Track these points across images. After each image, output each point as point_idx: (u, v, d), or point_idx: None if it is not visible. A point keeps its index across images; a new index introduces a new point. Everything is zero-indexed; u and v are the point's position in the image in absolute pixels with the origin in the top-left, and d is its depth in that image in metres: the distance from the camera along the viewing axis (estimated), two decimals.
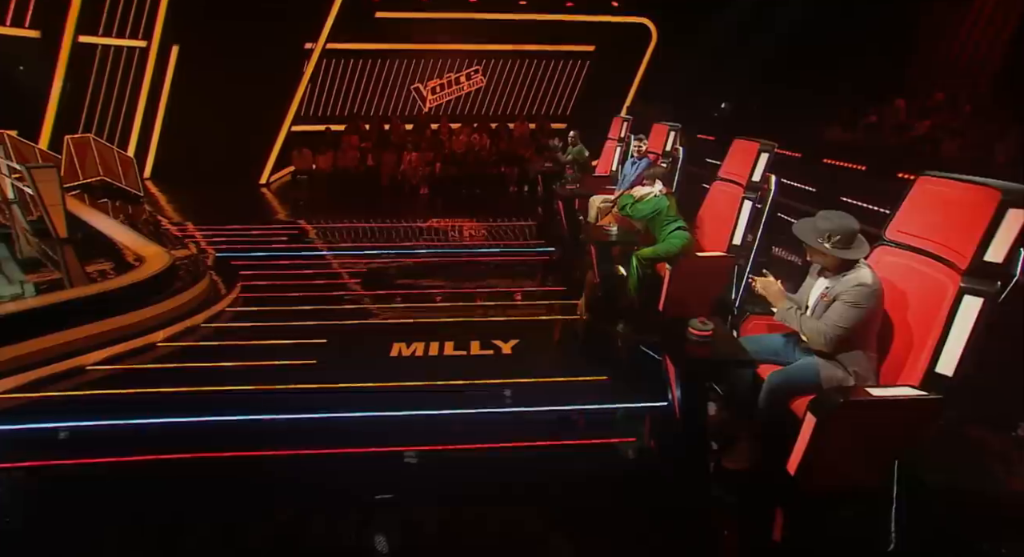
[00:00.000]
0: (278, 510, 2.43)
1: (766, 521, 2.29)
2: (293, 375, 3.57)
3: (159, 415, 3.14)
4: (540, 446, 2.90)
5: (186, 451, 2.81)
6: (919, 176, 2.22)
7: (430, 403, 3.25)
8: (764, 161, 3.43)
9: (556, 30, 12.23)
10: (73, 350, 3.73)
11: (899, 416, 2.02)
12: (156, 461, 2.77)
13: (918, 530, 2.18)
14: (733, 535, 2.31)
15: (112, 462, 2.76)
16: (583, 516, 2.42)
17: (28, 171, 5.02)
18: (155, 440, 2.97)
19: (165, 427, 3.05)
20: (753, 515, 2.32)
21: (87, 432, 3.04)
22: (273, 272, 5.61)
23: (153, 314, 4.24)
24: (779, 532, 2.24)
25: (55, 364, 3.60)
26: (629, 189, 5.04)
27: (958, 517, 2.37)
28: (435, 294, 4.98)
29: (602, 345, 3.97)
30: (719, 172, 3.90)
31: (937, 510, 2.36)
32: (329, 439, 2.93)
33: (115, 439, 2.97)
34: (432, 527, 2.36)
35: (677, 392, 2.34)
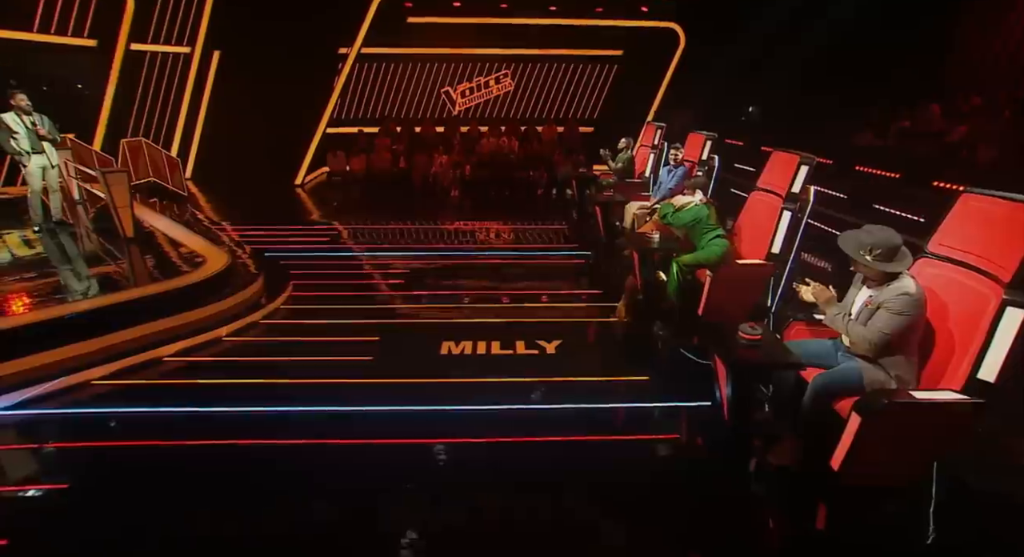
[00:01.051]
0: (345, 493, 2.66)
1: (809, 512, 2.44)
2: (353, 370, 3.82)
3: (231, 404, 3.40)
4: (585, 441, 3.10)
5: (257, 438, 3.07)
6: (962, 192, 2.35)
7: (482, 399, 3.46)
8: (804, 173, 3.57)
9: (584, 35, 12.37)
10: (151, 343, 4.04)
11: (941, 418, 2.16)
12: (229, 446, 3.03)
13: (958, 528, 2.32)
14: (778, 525, 2.47)
15: (189, 445, 3.03)
16: (631, 506, 2.60)
17: (103, 175, 5.38)
18: (229, 427, 3.21)
19: (240, 416, 3.31)
20: (797, 507, 2.48)
21: (168, 417, 3.32)
22: (320, 272, 5.89)
23: (218, 310, 4.54)
24: (822, 522, 2.39)
25: (138, 355, 3.91)
26: (669, 198, 5.21)
27: (999, 519, 2.49)
28: (477, 295, 5.19)
29: (642, 346, 4.14)
30: (758, 182, 4.04)
31: (978, 511, 2.48)
32: (392, 430, 3.15)
33: (192, 425, 3.24)
34: (492, 513, 2.56)
35: (727, 391, 2.51)
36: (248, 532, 2.43)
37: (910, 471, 2.29)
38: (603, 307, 4.84)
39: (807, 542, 2.38)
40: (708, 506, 2.57)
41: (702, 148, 5.44)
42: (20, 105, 5.61)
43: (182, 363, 3.99)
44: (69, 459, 2.96)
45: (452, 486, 2.72)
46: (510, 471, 2.85)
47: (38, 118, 5.75)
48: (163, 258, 5.62)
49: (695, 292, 3.88)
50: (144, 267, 5.38)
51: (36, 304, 4.22)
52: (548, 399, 3.46)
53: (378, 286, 5.52)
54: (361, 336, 4.31)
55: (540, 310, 4.84)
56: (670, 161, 5.47)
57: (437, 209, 9.53)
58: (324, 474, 2.82)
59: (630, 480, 2.81)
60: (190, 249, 5.72)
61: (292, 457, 2.95)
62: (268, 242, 6.79)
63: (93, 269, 5.15)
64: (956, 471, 2.34)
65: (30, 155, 5.73)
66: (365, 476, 2.80)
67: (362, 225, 8.16)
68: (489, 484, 2.75)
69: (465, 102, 13.20)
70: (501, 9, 11.97)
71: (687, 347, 3.90)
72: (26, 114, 5.67)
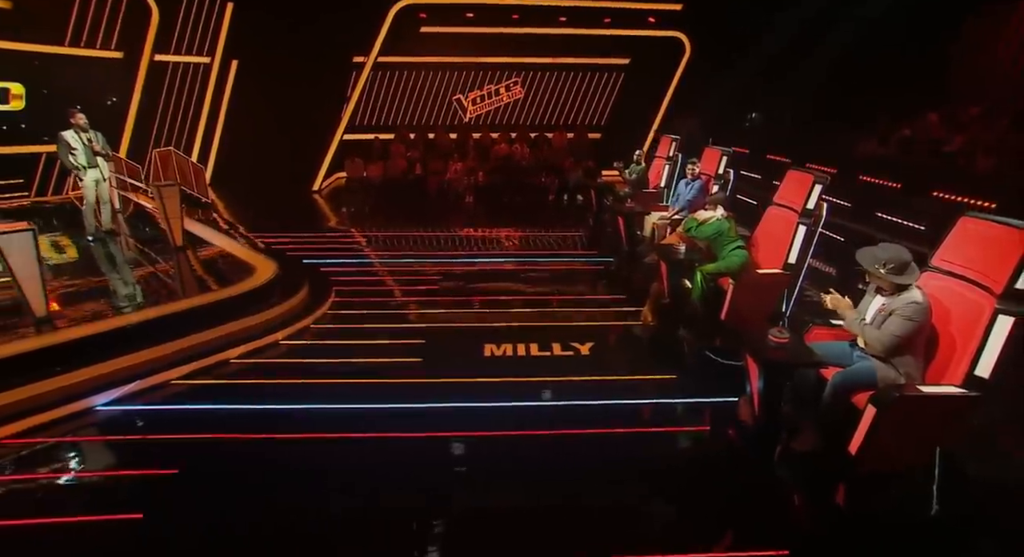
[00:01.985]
0: (411, 480, 3.02)
1: (829, 491, 2.83)
2: (405, 370, 4.18)
3: (299, 402, 3.77)
4: (625, 432, 3.47)
5: (326, 432, 3.43)
6: (961, 216, 2.73)
7: (528, 396, 3.83)
8: (818, 191, 3.95)
9: (593, 43, 12.68)
10: (218, 346, 4.40)
11: (944, 409, 2.54)
12: (305, 439, 3.38)
13: (956, 505, 2.70)
14: (802, 503, 2.86)
15: (267, 438, 3.38)
16: (674, 488, 2.98)
17: (158, 189, 5.75)
18: (303, 422, 3.57)
19: (309, 412, 3.66)
20: (818, 487, 2.86)
21: (236, 414, 3.67)
22: (356, 278, 6.25)
23: (272, 316, 4.90)
24: (841, 499, 2.77)
25: (208, 357, 4.27)
26: (687, 209, 5.60)
27: (991, 497, 2.87)
28: (508, 300, 5.56)
29: (669, 348, 4.52)
30: (775, 198, 4.42)
31: (973, 492, 2.87)
32: (449, 424, 3.50)
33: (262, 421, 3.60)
34: (553, 497, 2.92)
35: (758, 386, 2.89)
36: (322, 515, 2.78)
37: (917, 456, 2.67)
38: (628, 311, 5.23)
39: (828, 516, 2.76)
40: (741, 487, 2.95)
41: (718, 162, 5.83)
42: (79, 123, 5.97)
43: (247, 364, 4.35)
44: (170, 449, 3.31)
45: (511, 473, 3.09)
46: (565, 460, 3.22)
47: (94, 135, 6.11)
48: (210, 265, 5.99)
49: (717, 298, 4.26)
50: (191, 273, 5.75)
51: (101, 312, 4.58)
52: (588, 396, 3.82)
53: (413, 291, 5.88)
54: (407, 339, 4.68)
55: (570, 314, 5.22)
56: (687, 174, 5.86)
57: (454, 215, 9.89)
58: (392, 464, 3.16)
59: (670, 466, 3.20)
60: (237, 257, 6.09)
61: (360, 449, 3.30)
62: (302, 249, 7.14)
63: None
64: (954, 458, 2.72)
65: (86, 170, 6.09)
66: (430, 465, 3.15)
67: (386, 232, 8.51)
68: (547, 471, 3.11)
69: (476, 109, 13.54)
70: (513, 20, 12.31)
71: (711, 348, 4.29)
72: (83, 131, 6.03)
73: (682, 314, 4.47)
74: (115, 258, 6.16)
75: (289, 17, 11.12)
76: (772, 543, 2.55)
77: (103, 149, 6.24)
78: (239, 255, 6.11)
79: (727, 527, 2.72)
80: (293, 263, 6.23)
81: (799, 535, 2.65)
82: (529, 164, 11.95)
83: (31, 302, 4.06)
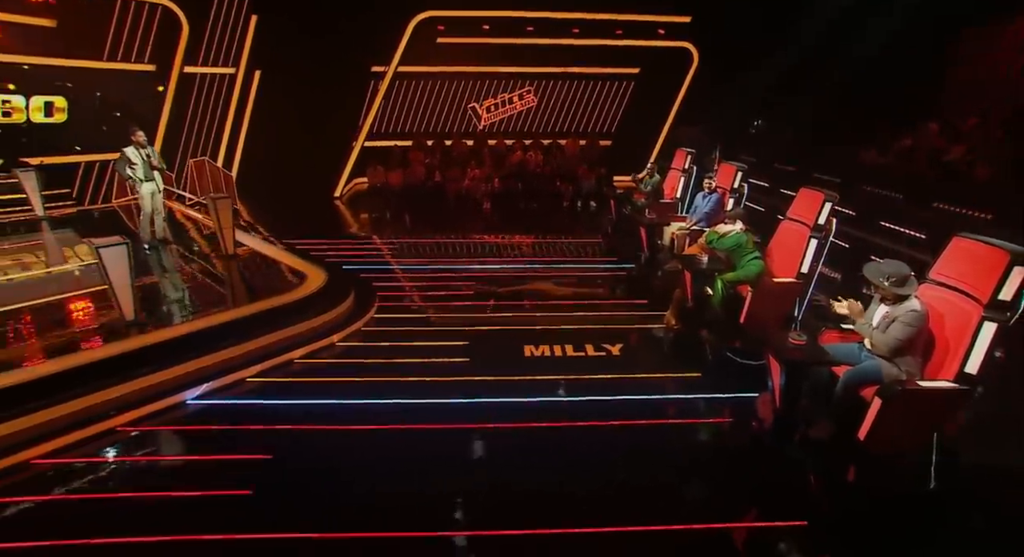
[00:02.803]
0: (475, 464, 3.48)
1: (841, 471, 3.30)
2: (453, 369, 4.64)
3: (358, 397, 4.22)
4: (658, 424, 3.95)
5: (388, 424, 3.87)
6: (954, 236, 3.20)
7: (568, 392, 4.29)
8: (828, 208, 4.42)
9: (603, 53, 13.12)
10: (284, 347, 4.87)
11: (939, 400, 3.01)
12: (363, 431, 3.83)
13: (951, 482, 3.16)
14: (819, 482, 3.33)
15: (334, 429, 3.84)
16: (706, 470, 3.45)
17: (212, 201, 6.22)
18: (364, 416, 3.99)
19: (373, 407, 4.12)
20: (831, 468, 3.33)
21: (308, 408, 4.11)
22: (395, 283, 6.71)
23: (327, 320, 5.36)
24: (851, 478, 3.24)
25: (275, 358, 4.74)
26: (704, 221, 6.06)
27: (982, 477, 3.34)
28: (539, 304, 6.02)
29: (691, 349, 4.99)
30: (788, 213, 4.89)
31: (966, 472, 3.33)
32: (501, 417, 3.96)
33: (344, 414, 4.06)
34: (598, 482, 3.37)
35: (780, 382, 3.35)
36: (390, 491, 3.24)
37: (917, 440, 3.13)
38: (651, 315, 5.68)
39: (840, 492, 3.24)
40: (763, 469, 3.42)
41: (734, 177, 6.29)
42: (139, 140, 6.45)
43: (310, 364, 4.82)
44: (258, 438, 3.77)
45: (558, 459, 3.55)
46: (603, 447, 3.68)
47: (151, 150, 6.59)
48: (261, 272, 6.46)
49: (736, 304, 4.72)
50: (241, 278, 6.23)
51: (175, 316, 5.04)
52: (621, 392, 4.28)
53: (450, 296, 6.33)
54: (451, 341, 5.14)
55: (598, 317, 5.67)
56: (704, 188, 6.32)
57: (474, 221, 10.34)
58: (450, 451, 3.61)
59: (698, 452, 3.68)
60: (286, 263, 6.55)
61: (426, 439, 3.75)
62: (336, 255, 7.59)
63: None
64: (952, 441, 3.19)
65: (143, 182, 6.56)
66: (482, 452, 3.62)
67: (412, 239, 8.96)
68: (589, 457, 3.58)
69: (490, 117, 13.97)
70: (527, 31, 12.76)
71: (731, 349, 4.75)
72: (142, 147, 6.50)
73: (704, 318, 4.94)
74: (171, 265, 6.63)
75: (311, 29, 11.59)
76: (792, 516, 3.01)
77: (159, 163, 6.71)
78: (287, 262, 6.57)
79: (752, 502, 3.19)
80: (335, 269, 6.68)
81: (815, 508, 3.12)
82: (543, 171, 12.40)
83: (123, 307, 4.53)
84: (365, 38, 12.07)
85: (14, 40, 8.86)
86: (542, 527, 2.93)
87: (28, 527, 2.98)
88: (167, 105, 11.39)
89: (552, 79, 13.58)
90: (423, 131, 13.58)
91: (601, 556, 2.81)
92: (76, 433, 3.64)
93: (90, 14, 9.65)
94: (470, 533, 2.92)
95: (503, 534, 2.91)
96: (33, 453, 3.46)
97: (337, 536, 2.91)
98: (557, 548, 2.83)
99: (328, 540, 2.89)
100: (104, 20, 9.96)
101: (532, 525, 2.94)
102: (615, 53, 13.11)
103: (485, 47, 12.85)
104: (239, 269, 6.45)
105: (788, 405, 3.36)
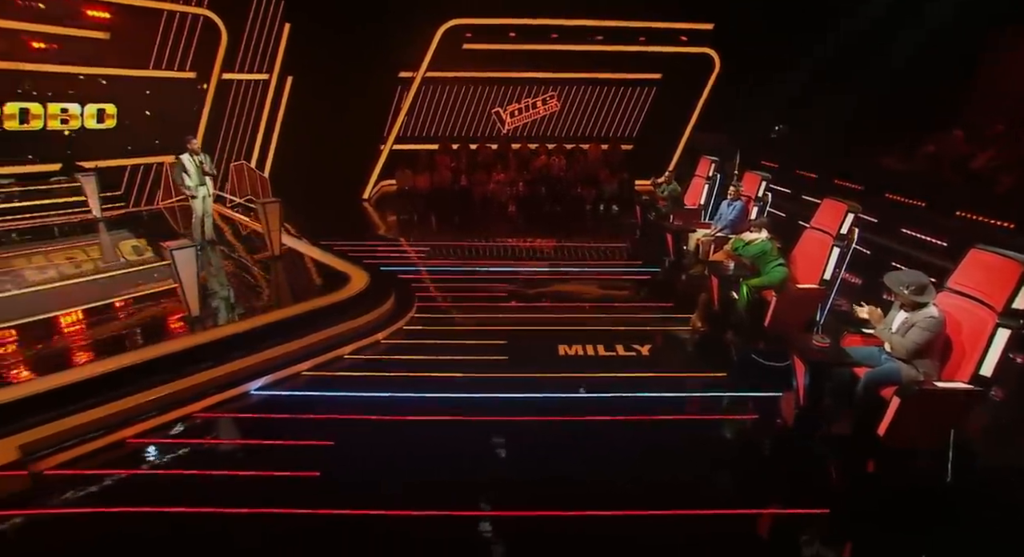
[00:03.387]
0: (523, 452, 3.79)
1: (862, 465, 3.55)
2: (493, 367, 4.96)
3: (405, 391, 4.56)
4: (682, 419, 4.24)
5: (434, 415, 4.22)
6: (971, 248, 3.43)
7: (603, 388, 4.58)
8: (850, 219, 4.66)
9: (626, 59, 13.35)
10: (334, 344, 5.23)
11: (956, 400, 3.25)
12: (413, 421, 4.18)
13: (966, 477, 3.40)
14: (840, 474, 3.59)
15: (387, 420, 4.19)
16: (736, 461, 3.72)
17: (262, 206, 6.64)
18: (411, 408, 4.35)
19: (415, 399, 4.46)
20: (853, 461, 3.59)
21: (361, 400, 4.47)
22: (430, 284, 7.06)
23: (371, 318, 5.72)
24: (871, 470, 3.50)
25: (325, 354, 5.10)
26: (729, 228, 6.31)
27: (993, 474, 3.57)
28: (570, 305, 6.31)
29: (718, 350, 5.25)
30: (812, 222, 5.13)
31: (981, 468, 3.56)
32: (535, 410, 4.27)
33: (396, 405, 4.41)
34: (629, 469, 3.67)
35: (804, 381, 3.62)
36: (443, 475, 3.58)
37: (933, 437, 3.37)
38: (677, 317, 5.95)
39: (860, 483, 3.49)
40: (788, 462, 3.69)
41: (758, 186, 6.53)
42: (193, 148, 6.90)
43: (358, 360, 5.18)
44: (319, 426, 4.13)
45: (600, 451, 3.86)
46: (637, 439, 3.98)
47: (204, 157, 7.03)
48: (306, 272, 6.85)
49: (761, 308, 4.97)
50: (285, 279, 6.64)
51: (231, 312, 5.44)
52: (652, 389, 4.56)
53: (484, 297, 6.64)
54: (490, 340, 5.46)
55: (627, 319, 5.95)
56: (729, 196, 6.57)
57: (500, 224, 10.67)
58: (501, 443, 3.93)
59: (726, 445, 3.96)
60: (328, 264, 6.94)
61: (470, 430, 4.07)
62: (370, 256, 7.93)
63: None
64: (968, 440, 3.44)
65: (197, 188, 7.00)
66: (530, 443, 3.94)
67: (442, 241, 9.29)
68: (625, 449, 3.87)
69: (513, 122, 14.26)
70: (552, 38, 13.05)
71: (755, 351, 5.01)
72: (196, 154, 6.95)
73: (729, 321, 5.20)
74: (220, 265, 7.06)
75: (341, 36, 12.01)
76: (815, 504, 3.28)
77: (210, 169, 7.15)
78: (328, 262, 6.96)
79: (778, 491, 3.46)
80: (374, 270, 7.04)
81: (837, 498, 3.38)
82: (566, 175, 12.68)
83: (189, 304, 4.94)
84: (394, 45, 12.46)
85: (72, 52, 9.42)
86: (581, 509, 3.23)
87: (125, 496, 3.40)
88: (206, 110, 11.92)
89: (575, 84, 13.84)
90: (448, 135, 13.92)
91: (638, 536, 3.11)
92: (161, 417, 4.05)
93: (140, 26, 10.19)
94: (512, 513, 3.24)
95: (543, 515, 3.22)
96: (128, 433, 3.87)
97: (399, 513, 3.24)
98: (596, 527, 3.13)
99: (392, 517, 3.23)
100: (152, 31, 10.49)
101: (571, 507, 3.25)
102: (637, 59, 13.32)
103: (510, 53, 13.15)
104: (285, 269, 6.86)
105: (812, 403, 3.63)
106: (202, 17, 11.22)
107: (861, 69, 10.73)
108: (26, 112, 9.06)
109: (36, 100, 9.19)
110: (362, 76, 12.32)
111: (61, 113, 9.45)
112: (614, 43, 13.16)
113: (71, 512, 3.27)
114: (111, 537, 3.11)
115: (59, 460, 3.63)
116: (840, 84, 10.91)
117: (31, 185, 9.03)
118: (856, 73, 10.80)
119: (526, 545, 3.06)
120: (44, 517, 3.24)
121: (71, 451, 3.70)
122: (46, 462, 3.59)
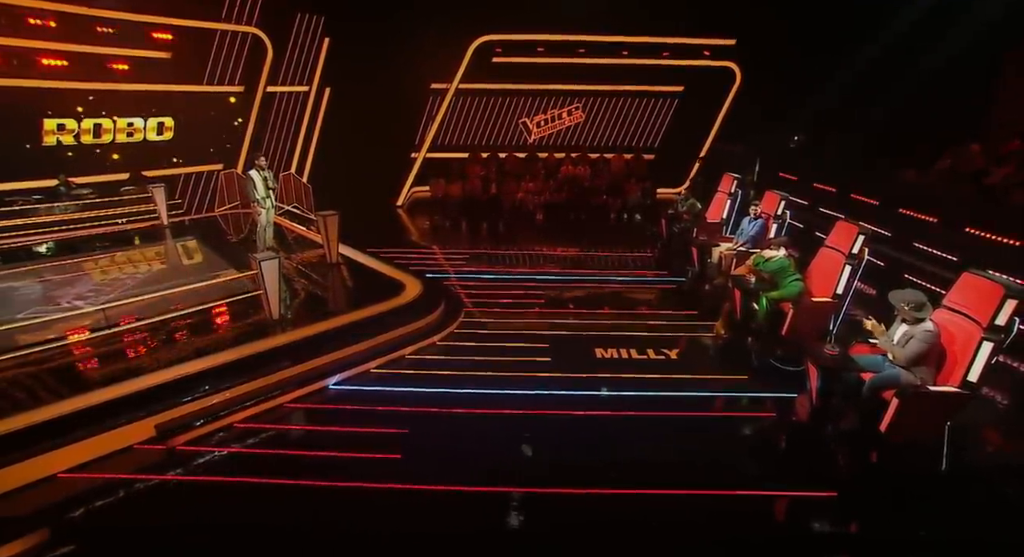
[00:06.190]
0: (571, 438, 4.43)
1: (866, 455, 4.14)
2: (539, 367, 5.59)
3: (464, 387, 5.21)
4: (708, 416, 4.86)
5: (490, 409, 4.85)
6: (964, 272, 3.99)
7: (637, 387, 5.19)
8: (861, 240, 5.23)
9: (649, 72, 13.84)
10: (397, 345, 5.90)
11: (947, 402, 3.82)
12: (474, 414, 4.81)
13: (959, 465, 3.97)
14: (847, 463, 4.18)
15: (450, 412, 4.85)
16: (748, 454, 4.32)
17: (322, 217, 7.35)
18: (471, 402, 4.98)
19: (473, 395, 5.10)
20: (858, 452, 4.17)
21: (425, 394, 5.12)
22: (474, 290, 7.70)
23: (427, 322, 6.38)
24: (874, 459, 4.08)
25: (390, 354, 5.77)
26: (750, 244, 6.87)
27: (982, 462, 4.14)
28: (602, 312, 6.92)
29: (739, 355, 5.83)
30: (826, 242, 5.71)
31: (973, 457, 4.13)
32: (577, 406, 4.90)
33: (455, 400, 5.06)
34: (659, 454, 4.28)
35: (816, 383, 4.21)
36: (509, 461, 4.23)
37: (928, 432, 3.94)
38: (701, 324, 6.53)
39: (865, 470, 4.08)
40: (801, 453, 4.28)
41: (777, 204, 7.08)
42: (260, 165, 7.65)
43: (418, 359, 5.84)
44: (391, 417, 4.80)
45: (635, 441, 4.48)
46: (668, 431, 4.59)
47: (268, 174, 7.77)
48: (363, 279, 7.55)
49: (779, 318, 5.55)
50: (345, 285, 7.33)
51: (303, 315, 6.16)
52: (681, 389, 5.17)
53: (525, 303, 7.25)
54: (535, 343, 6.09)
55: (654, 326, 6.54)
56: (750, 213, 7.13)
57: (529, 232, 11.28)
58: (554, 432, 4.58)
59: (747, 439, 4.55)
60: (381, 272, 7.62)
61: (530, 421, 4.72)
62: (413, 263, 8.59)
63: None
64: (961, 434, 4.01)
65: (264, 200, 7.74)
66: (583, 434, 4.57)
67: (477, 248, 9.91)
68: (658, 439, 4.49)
69: (539, 132, 14.84)
70: (579, 53, 13.60)
71: (773, 357, 5.59)
72: (262, 170, 7.69)
73: (750, 329, 5.78)
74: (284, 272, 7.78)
75: (377, 50, 12.71)
76: (826, 488, 3.86)
77: (274, 184, 7.89)
78: (380, 270, 7.65)
79: (792, 476, 4.05)
80: (424, 277, 7.70)
81: (844, 483, 3.97)
82: (591, 184, 13.24)
83: (272, 308, 5.64)
84: (428, 59, 13.10)
85: (139, 71, 10.25)
86: (623, 488, 3.86)
87: (240, 468, 4.12)
88: (252, 121, 12.71)
89: (598, 96, 14.37)
90: (477, 144, 14.55)
91: (667, 514, 3.70)
92: (258, 406, 4.76)
93: (197, 45, 11.00)
94: (563, 491, 3.85)
95: (594, 493, 3.85)
96: (236, 418, 4.60)
97: (473, 489, 3.90)
98: (635, 504, 3.75)
99: (468, 492, 3.88)
100: (207, 49, 11.30)
101: (612, 486, 3.88)
102: (660, 72, 13.82)
103: (536, 66, 13.71)
104: (339, 276, 7.56)
105: (823, 403, 4.22)
106: (250, 35, 12.00)
107: (882, 84, 11.06)
108: (99, 127, 9.92)
109: (106, 116, 10.04)
110: (396, 88, 12.98)
111: (128, 127, 10.28)
112: (638, 57, 13.67)
113: (197, 479, 4.02)
114: (231, 500, 3.83)
115: (186, 438, 4.37)
116: (860, 97, 11.26)
117: (106, 196, 9.87)
118: (876, 87, 11.11)
119: (580, 518, 3.69)
120: (176, 484, 3.98)
121: (192, 432, 4.43)
122: (176, 439, 4.32)
